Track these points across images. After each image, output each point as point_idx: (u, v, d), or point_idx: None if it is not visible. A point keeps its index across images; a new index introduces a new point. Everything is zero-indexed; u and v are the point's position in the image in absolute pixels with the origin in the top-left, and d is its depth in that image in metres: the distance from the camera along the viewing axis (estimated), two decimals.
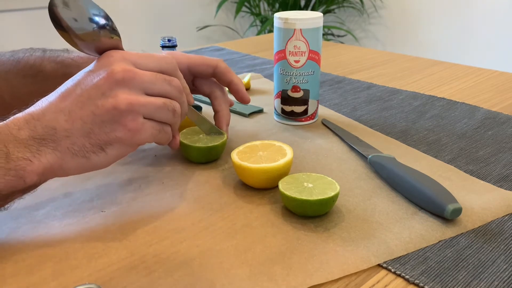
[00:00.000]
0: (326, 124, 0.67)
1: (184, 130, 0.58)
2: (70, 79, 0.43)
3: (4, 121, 0.40)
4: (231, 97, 0.65)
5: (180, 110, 0.46)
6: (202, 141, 0.55)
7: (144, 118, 0.43)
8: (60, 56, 0.59)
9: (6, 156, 0.38)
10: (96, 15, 0.42)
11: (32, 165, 0.39)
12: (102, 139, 0.41)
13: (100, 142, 0.41)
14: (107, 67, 0.42)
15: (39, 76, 0.58)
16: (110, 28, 0.43)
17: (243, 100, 0.60)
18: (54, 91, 0.43)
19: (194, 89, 0.61)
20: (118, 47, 0.45)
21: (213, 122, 0.59)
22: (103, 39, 0.43)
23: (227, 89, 0.61)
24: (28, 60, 0.58)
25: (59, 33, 0.42)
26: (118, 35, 0.44)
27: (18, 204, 0.47)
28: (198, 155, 0.55)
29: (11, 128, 0.39)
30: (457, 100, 0.77)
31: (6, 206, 0.41)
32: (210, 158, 0.56)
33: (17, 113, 0.41)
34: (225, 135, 0.57)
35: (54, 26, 0.41)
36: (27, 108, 0.42)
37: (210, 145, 0.55)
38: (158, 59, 0.45)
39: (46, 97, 0.43)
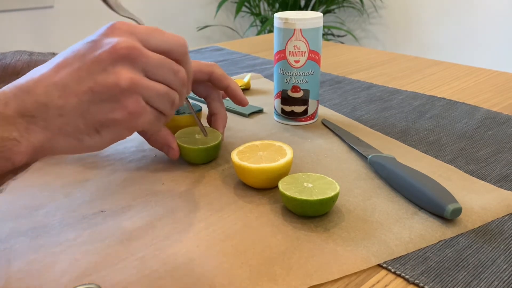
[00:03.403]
0: (326, 124, 0.67)
1: (178, 132, 0.58)
2: (68, 48, 0.39)
3: None
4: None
5: (178, 103, 0.43)
6: (198, 142, 0.55)
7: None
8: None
9: None
10: None
11: (20, 145, 0.35)
12: (99, 120, 0.37)
13: (96, 124, 0.38)
14: (112, 39, 0.38)
15: None
16: None
17: (241, 104, 0.59)
18: (49, 61, 0.38)
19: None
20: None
21: (207, 124, 0.59)
22: None
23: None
24: (15, 66, 0.57)
25: None
26: None
27: (18, 204, 0.47)
28: (194, 156, 0.55)
29: None
30: (457, 100, 0.77)
31: (0, 188, 0.39)
32: (207, 159, 0.56)
33: (3, 86, 0.37)
34: (220, 136, 0.57)
35: None
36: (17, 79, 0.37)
37: (206, 146, 0.54)
38: (170, 39, 0.41)
39: (39, 67, 0.38)
